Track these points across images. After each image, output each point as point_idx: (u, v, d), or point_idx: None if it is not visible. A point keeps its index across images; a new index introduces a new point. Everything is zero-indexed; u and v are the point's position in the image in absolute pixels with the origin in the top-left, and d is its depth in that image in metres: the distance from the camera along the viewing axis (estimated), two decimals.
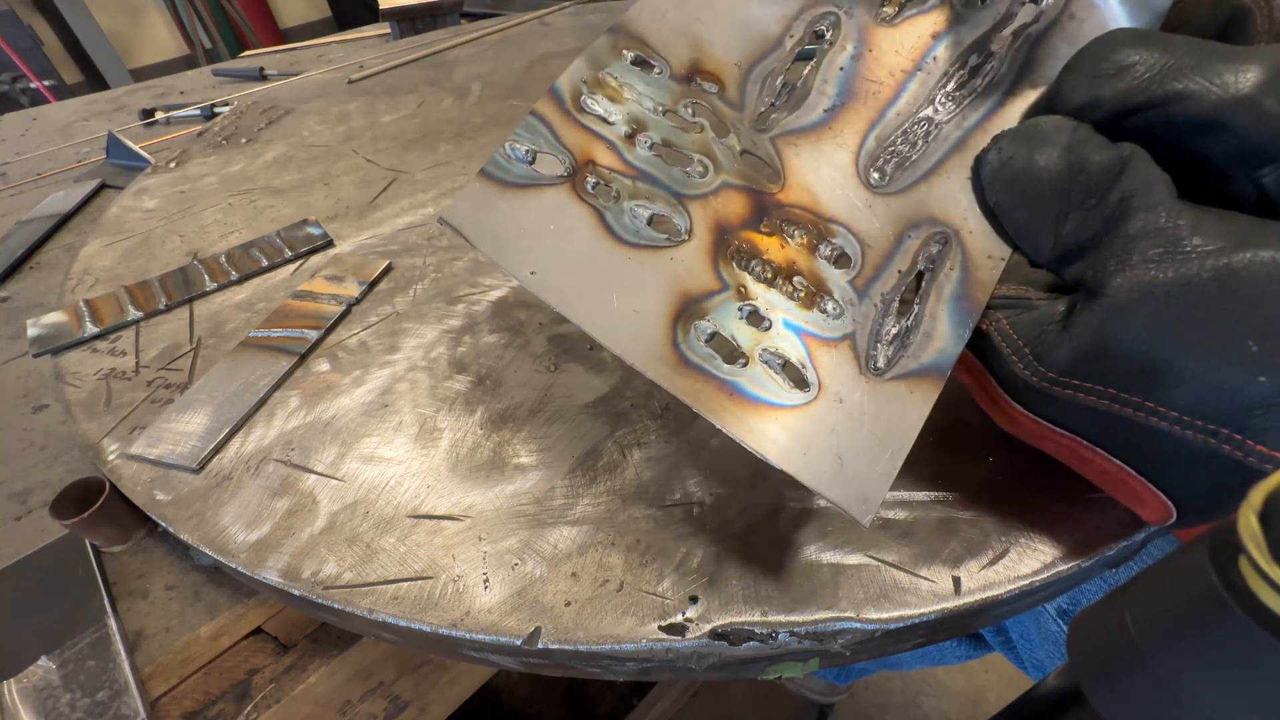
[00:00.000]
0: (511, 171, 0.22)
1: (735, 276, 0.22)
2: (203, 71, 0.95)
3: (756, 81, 0.24)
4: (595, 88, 0.23)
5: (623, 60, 0.24)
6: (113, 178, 0.66)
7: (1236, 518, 0.12)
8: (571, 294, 0.21)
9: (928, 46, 0.24)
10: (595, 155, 0.23)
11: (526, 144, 0.22)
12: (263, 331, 0.37)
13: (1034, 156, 0.20)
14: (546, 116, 0.23)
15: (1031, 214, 0.20)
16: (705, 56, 0.24)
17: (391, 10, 0.96)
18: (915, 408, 0.20)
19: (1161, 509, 0.19)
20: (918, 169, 0.23)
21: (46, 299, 0.51)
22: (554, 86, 0.23)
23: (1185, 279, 0.17)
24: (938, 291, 0.22)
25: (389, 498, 0.28)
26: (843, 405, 0.20)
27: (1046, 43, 0.23)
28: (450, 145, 0.56)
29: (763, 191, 0.23)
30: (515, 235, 0.21)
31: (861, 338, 0.21)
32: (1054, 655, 0.43)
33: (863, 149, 0.24)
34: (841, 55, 0.24)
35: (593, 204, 0.22)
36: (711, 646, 0.22)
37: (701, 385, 0.20)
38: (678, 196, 0.22)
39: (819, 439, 0.20)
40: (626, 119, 0.23)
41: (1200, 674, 0.13)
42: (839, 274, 0.22)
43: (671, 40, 0.24)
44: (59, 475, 0.37)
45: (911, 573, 0.23)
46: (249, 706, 0.28)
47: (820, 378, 0.20)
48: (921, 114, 0.24)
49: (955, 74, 0.24)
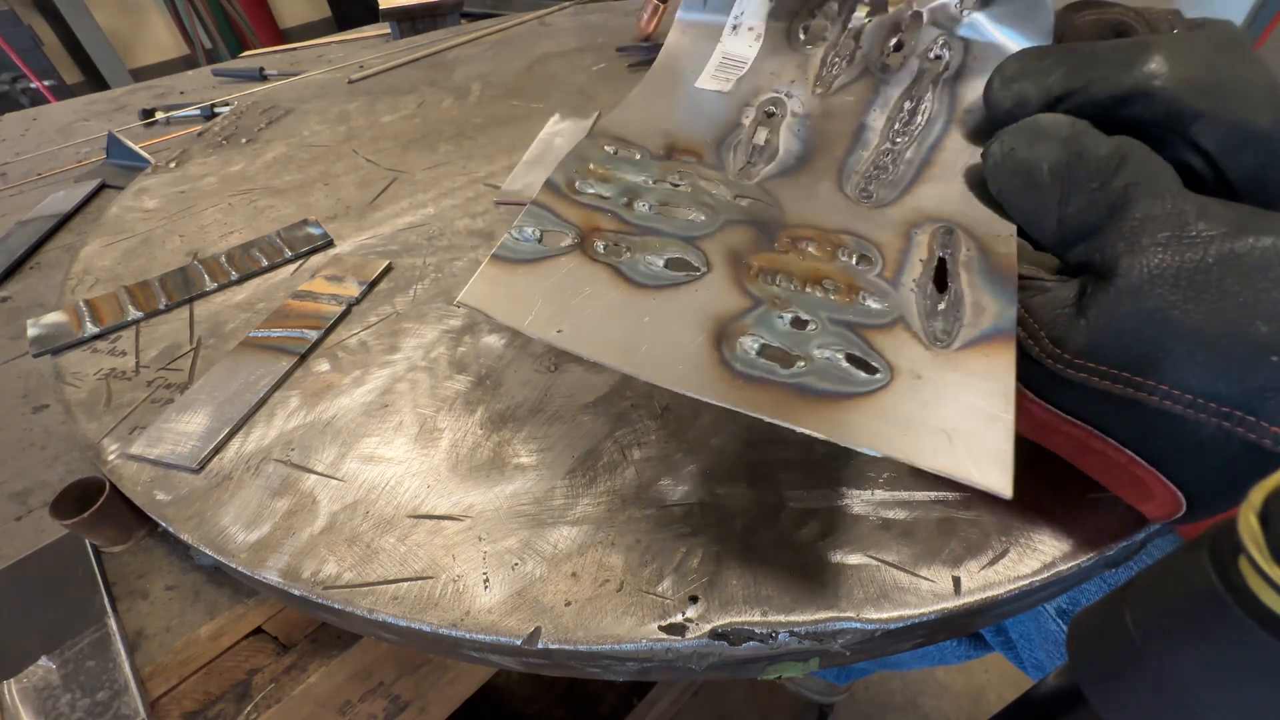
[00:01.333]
0: (521, 251, 0.23)
1: (766, 292, 0.22)
2: (203, 71, 0.95)
3: (728, 150, 0.28)
4: (586, 175, 0.26)
5: (606, 153, 0.27)
6: (113, 178, 0.66)
7: (1236, 518, 0.12)
8: (605, 343, 0.20)
9: (868, 101, 0.27)
10: (599, 223, 0.24)
11: (532, 226, 0.23)
12: (263, 331, 0.37)
13: (1034, 147, 0.21)
14: (546, 203, 0.24)
15: (1035, 200, 0.21)
16: (678, 140, 0.28)
17: (391, 10, 0.96)
18: (999, 368, 0.19)
19: (1171, 501, 0.19)
20: (899, 185, 0.25)
21: (46, 299, 0.51)
22: (549, 180, 0.25)
23: (1192, 262, 0.17)
24: (966, 269, 0.22)
25: (389, 498, 0.28)
26: (923, 380, 0.19)
27: (963, 80, 0.26)
28: (450, 145, 0.56)
29: (766, 220, 0.24)
30: (537, 302, 0.21)
31: (912, 319, 0.21)
32: (1054, 655, 0.43)
33: (841, 177, 0.26)
34: (795, 120, 0.28)
35: (607, 262, 0.23)
36: (711, 646, 0.22)
37: (768, 394, 0.19)
38: (688, 239, 0.23)
39: (914, 416, 0.18)
40: (621, 191, 0.25)
41: (1200, 674, 0.13)
42: (865, 269, 0.22)
43: (645, 134, 0.28)
44: (59, 475, 0.37)
45: (911, 573, 0.23)
46: (249, 706, 0.28)
47: (889, 360, 0.20)
48: (882, 148, 0.26)
49: (898, 118, 0.27)
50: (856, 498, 0.26)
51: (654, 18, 0.68)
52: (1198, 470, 0.19)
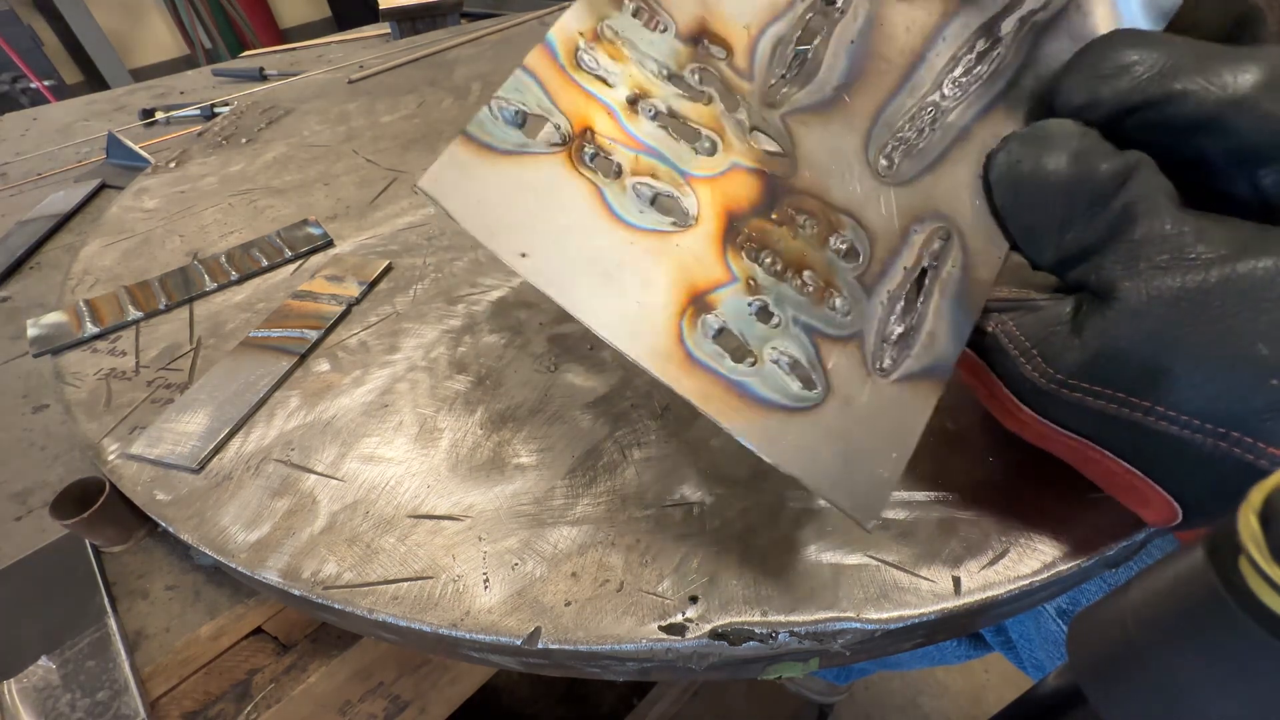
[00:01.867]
0: (498, 135, 0.20)
1: (744, 268, 0.21)
2: (203, 71, 0.95)
3: (766, 48, 0.22)
4: (594, 41, 0.21)
5: (624, 11, 0.21)
6: (113, 178, 0.66)
7: (1236, 518, 0.12)
8: (570, 282, 0.19)
9: (938, 25, 0.23)
10: (594, 122, 0.20)
11: (516, 103, 0.20)
12: (263, 331, 0.37)
13: (1041, 161, 0.20)
14: (538, 73, 0.20)
15: (1035, 218, 0.20)
16: (713, 16, 0.22)
17: (391, 10, 0.96)
18: (917, 410, 0.20)
19: (1167, 510, 0.19)
20: (924, 158, 0.23)
21: (46, 299, 0.51)
22: (548, 37, 0.20)
23: (1193, 285, 0.17)
24: (940, 289, 0.21)
25: (389, 498, 0.28)
26: (850, 408, 0.20)
27: (1051, 34, 0.23)
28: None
29: (774, 175, 0.22)
30: (503, 210, 0.19)
31: (869, 336, 0.21)
32: (1054, 655, 0.43)
33: (873, 133, 0.23)
34: (853, 26, 0.23)
35: (592, 179, 0.20)
36: (711, 646, 0.22)
37: (709, 385, 0.19)
38: (684, 175, 0.21)
39: (826, 443, 0.19)
40: (628, 82, 0.21)
41: (1200, 674, 0.13)
42: (848, 268, 0.21)
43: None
44: (59, 475, 0.37)
45: (911, 573, 0.23)
46: (249, 706, 0.28)
47: (829, 379, 0.20)
48: (929, 98, 0.23)
49: (963, 58, 0.23)
50: None
51: None
52: (1193, 485, 0.19)
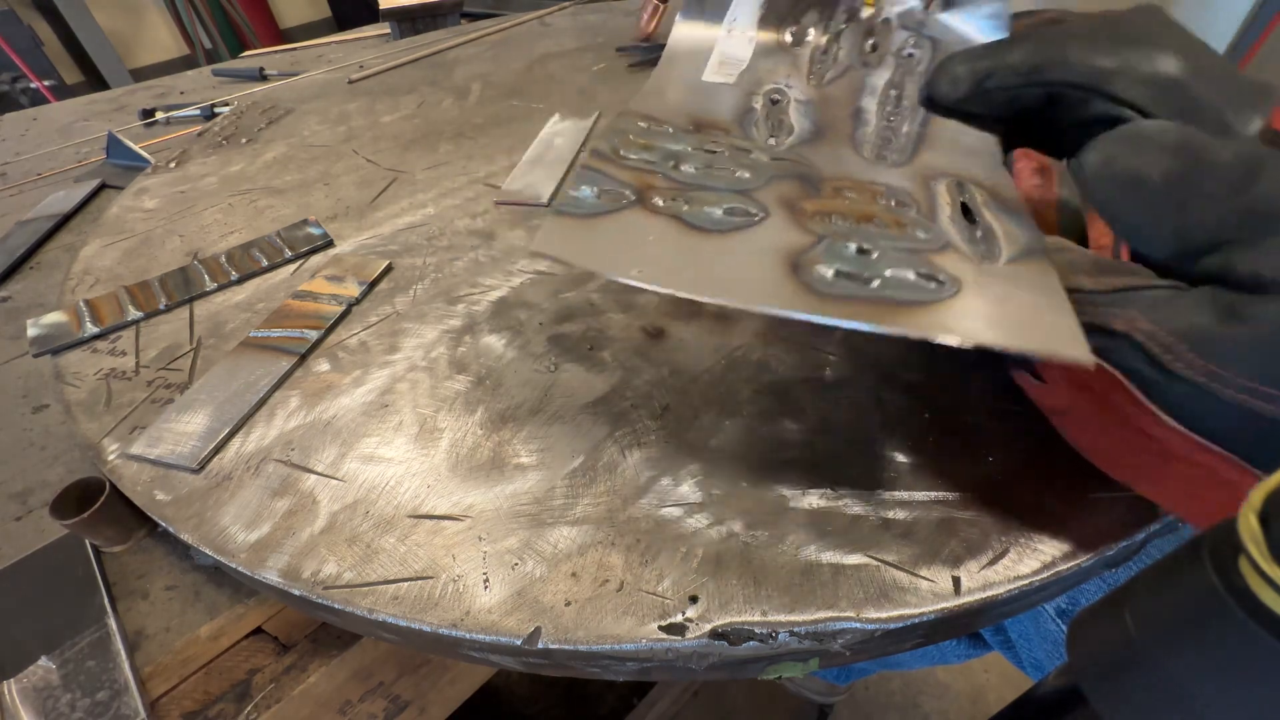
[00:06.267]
0: (582, 206, 0.24)
1: (826, 228, 0.23)
2: (203, 71, 0.95)
3: (750, 126, 0.30)
4: (628, 145, 0.28)
5: (640, 127, 0.29)
6: (113, 178, 0.66)
7: (1236, 518, 0.12)
8: (684, 279, 0.21)
9: (858, 95, 0.30)
10: (652, 183, 0.25)
11: (588, 184, 0.25)
12: (263, 331, 0.37)
13: (1140, 155, 0.19)
14: (596, 166, 0.26)
15: (1145, 210, 0.19)
16: (702, 118, 0.30)
17: (391, 10, 0.96)
18: (1044, 275, 0.21)
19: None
20: (905, 151, 0.28)
21: (46, 299, 0.51)
22: (595, 149, 0.27)
23: None
24: (987, 208, 0.24)
25: (389, 498, 0.28)
26: (987, 286, 0.21)
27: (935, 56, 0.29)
28: (450, 145, 0.56)
29: (807, 175, 0.26)
30: (609, 248, 0.22)
31: (959, 244, 0.22)
32: (1053, 655, 0.43)
33: (858, 148, 0.28)
34: (800, 106, 0.30)
35: (669, 213, 0.24)
36: (711, 646, 0.22)
37: (858, 307, 0.20)
38: (740, 192, 0.25)
39: (992, 312, 0.20)
40: (665, 156, 0.27)
41: (1200, 674, 0.13)
42: (906, 210, 0.24)
43: (670, 114, 0.30)
44: (59, 475, 0.37)
45: (911, 573, 0.23)
46: (249, 706, 0.28)
47: (953, 274, 0.21)
48: (881, 125, 0.29)
49: (887, 102, 0.29)
50: (856, 498, 0.26)
51: (654, 18, 0.69)
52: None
